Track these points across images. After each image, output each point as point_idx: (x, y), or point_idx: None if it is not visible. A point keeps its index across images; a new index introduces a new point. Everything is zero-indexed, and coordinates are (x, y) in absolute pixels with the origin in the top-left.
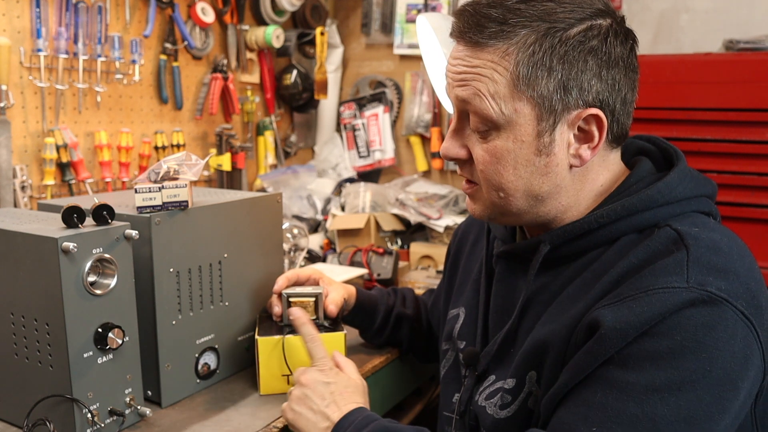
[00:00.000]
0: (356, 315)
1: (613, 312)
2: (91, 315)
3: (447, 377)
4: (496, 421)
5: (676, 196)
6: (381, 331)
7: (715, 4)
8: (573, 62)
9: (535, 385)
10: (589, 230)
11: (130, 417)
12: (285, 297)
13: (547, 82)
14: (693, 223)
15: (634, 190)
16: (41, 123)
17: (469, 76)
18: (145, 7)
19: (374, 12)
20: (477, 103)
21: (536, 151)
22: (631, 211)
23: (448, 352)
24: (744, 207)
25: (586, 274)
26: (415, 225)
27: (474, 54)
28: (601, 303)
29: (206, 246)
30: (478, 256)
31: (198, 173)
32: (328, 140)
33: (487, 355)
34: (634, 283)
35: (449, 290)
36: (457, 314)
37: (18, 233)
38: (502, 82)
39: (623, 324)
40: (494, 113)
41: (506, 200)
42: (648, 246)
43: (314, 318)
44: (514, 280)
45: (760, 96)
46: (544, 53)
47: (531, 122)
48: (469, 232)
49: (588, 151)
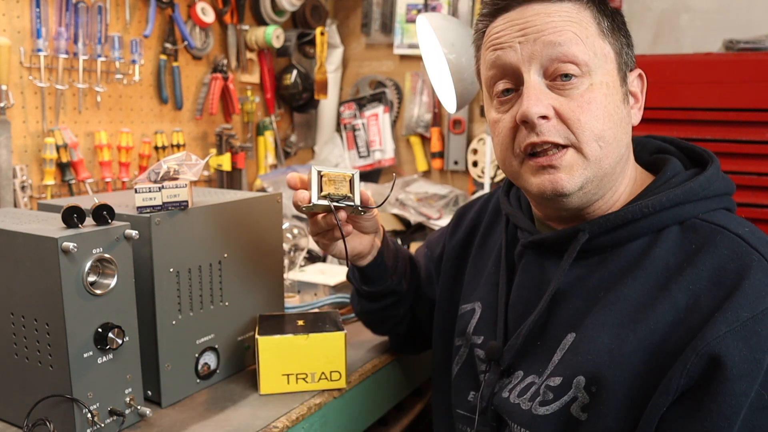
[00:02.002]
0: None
1: (735, 345)
2: (91, 315)
3: (460, 375)
4: (533, 417)
5: (714, 191)
6: (376, 300)
7: (715, 4)
8: (625, 25)
9: (583, 392)
10: (632, 220)
11: (130, 417)
12: (316, 172)
13: (620, 35)
14: (736, 219)
15: (674, 183)
16: (41, 123)
17: (561, 23)
18: (145, 7)
19: (374, 12)
20: (574, 46)
21: (623, 98)
22: (675, 203)
23: (461, 348)
24: (744, 207)
25: (638, 272)
26: (415, 225)
27: (554, 7)
28: (713, 334)
29: (206, 246)
30: (491, 248)
31: (198, 173)
32: (328, 140)
33: (511, 349)
34: (735, 305)
35: (454, 283)
36: (472, 309)
37: (18, 233)
38: (590, 28)
39: (752, 360)
40: (589, 56)
41: (604, 153)
42: (714, 253)
43: (348, 196)
44: (541, 271)
45: (760, 96)
46: (612, 12)
47: (615, 69)
48: (478, 225)
49: (638, 113)
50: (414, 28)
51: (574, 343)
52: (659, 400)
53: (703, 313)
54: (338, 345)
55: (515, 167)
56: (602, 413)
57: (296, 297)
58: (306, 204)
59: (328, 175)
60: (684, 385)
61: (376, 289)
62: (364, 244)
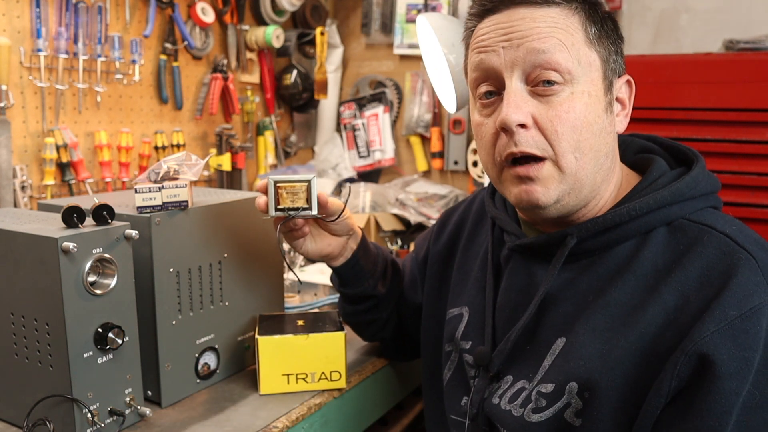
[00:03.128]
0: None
1: (724, 343)
2: (91, 315)
3: (452, 381)
4: (526, 424)
5: (700, 190)
6: (357, 302)
7: (715, 4)
8: (617, 30)
9: (576, 398)
10: (620, 223)
11: (130, 417)
12: (272, 183)
13: (608, 43)
14: (723, 218)
15: (660, 183)
16: (41, 123)
17: (546, 29)
18: (145, 7)
19: (374, 12)
20: (558, 54)
21: (605, 108)
22: (662, 204)
23: (452, 354)
24: (744, 207)
25: (627, 275)
26: (415, 225)
27: (540, 12)
28: (701, 333)
29: (206, 246)
30: (476, 251)
31: (198, 173)
32: (328, 140)
33: (501, 354)
34: (723, 304)
35: (440, 287)
36: (460, 314)
37: (18, 233)
38: (577, 34)
39: (741, 358)
40: (573, 64)
41: (580, 165)
42: (702, 253)
43: (305, 207)
44: (529, 274)
45: (760, 96)
46: (602, 17)
47: (599, 77)
48: (462, 227)
49: (624, 120)
50: (414, 28)
51: (564, 348)
52: (652, 402)
53: (692, 314)
54: (338, 345)
55: (496, 174)
56: (596, 418)
57: (296, 297)
58: (265, 215)
59: (285, 187)
60: (676, 386)
61: (352, 292)
62: (333, 245)
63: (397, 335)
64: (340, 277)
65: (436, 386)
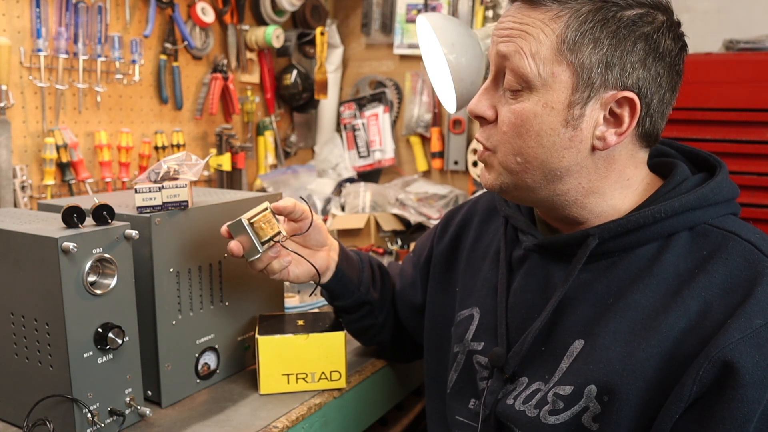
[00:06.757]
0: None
1: (749, 351)
2: (91, 315)
3: (459, 382)
4: (542, 426)
5: (724, 196)
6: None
7: (715, 4)
8: (622, 40)
9: (594, 402)
10: (643, 225)
11: (130, 417)
12: (246, 222)
13: (591, 53)
14: (746, 225)
15: (684, 188)
16: (41, 123)
17: (515, 33)
18: (145, 7)
19: (374, 12)
20: (516, 60)
21: (564, 122)
22: (686, 208)
23: (458, 355)
24: (744, 207)
25: (649, 278)
26: (415, 225)
27: (526, 12)
28: (726, 340)
29: (206, 246)
30: (484, 252)
31: (198, 173)
32: (328, 140)
33: (516, 356)
34: (748, 312)
35: (445, 288)
36: (470, 315)
37: (18, 233)
38: (546, 43)
39: (765, 367)
40: (530, 72)
41: (523, 168)
42: (726, 260)
43: (280, 231)
44: (546, 275)
45: (760, 96)
46: (595, 24)
47: (565, 90)
48: (467, 228)
49: (614, 137)
50: (414, 28)
51: (584, 350)
52: (671, 407)
53: (715, 320)
54: (338, 345)
55: None
56: (614, 423)
57: (296, 297)
58: (253, 256)
59: (259, 219)
60: (696, 391)
61: (345, 304)
62: (318, 261)
63: (396, 338)
64: (331, 293)
65: (441, 388)
